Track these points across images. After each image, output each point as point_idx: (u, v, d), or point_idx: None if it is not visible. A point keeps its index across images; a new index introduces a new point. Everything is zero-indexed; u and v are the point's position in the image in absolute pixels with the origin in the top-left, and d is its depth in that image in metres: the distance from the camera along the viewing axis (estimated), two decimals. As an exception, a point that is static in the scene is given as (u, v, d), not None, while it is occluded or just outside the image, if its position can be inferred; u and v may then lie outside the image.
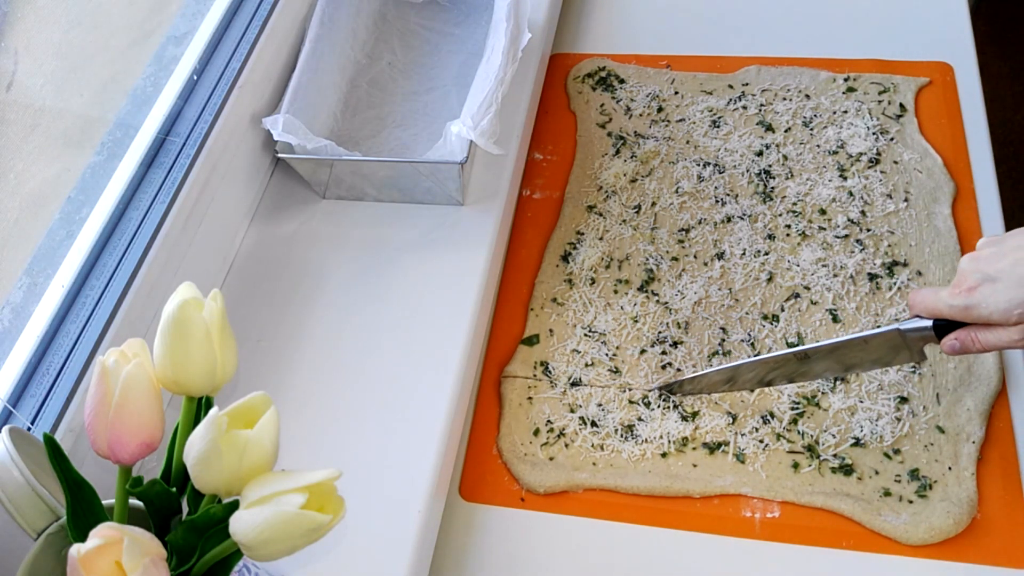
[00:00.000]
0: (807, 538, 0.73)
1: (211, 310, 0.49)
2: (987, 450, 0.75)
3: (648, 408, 0.81)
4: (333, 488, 0.46)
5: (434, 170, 0.84)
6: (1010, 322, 0.61)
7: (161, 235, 0.75)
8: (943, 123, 0.96)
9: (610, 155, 1.00)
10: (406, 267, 0.85)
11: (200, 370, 0.49)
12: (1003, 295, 0.61)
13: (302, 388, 0.78)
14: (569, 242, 0.93)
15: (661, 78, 1.07)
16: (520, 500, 0.78)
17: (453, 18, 1.05)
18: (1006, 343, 0.62)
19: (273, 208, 0.92)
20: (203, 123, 0.82)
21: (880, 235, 0.88)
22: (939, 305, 0.64)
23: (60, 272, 0.72)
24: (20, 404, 0.66)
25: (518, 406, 0.83)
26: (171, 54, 0.86)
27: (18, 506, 0.50)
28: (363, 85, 0.98)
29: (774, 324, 0.84)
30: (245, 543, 0.45)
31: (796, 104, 1.00)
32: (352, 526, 0.65)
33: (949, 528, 0.71)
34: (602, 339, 0.85)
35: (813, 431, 0.78)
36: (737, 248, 0.90)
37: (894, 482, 0.74)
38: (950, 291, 0.63)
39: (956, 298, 0.63)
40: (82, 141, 0.77)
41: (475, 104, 0.82)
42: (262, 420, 0.46)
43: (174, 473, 0.51)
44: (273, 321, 0.83)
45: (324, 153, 0.85)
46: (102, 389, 0.47)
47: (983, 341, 0.63)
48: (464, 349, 0.79)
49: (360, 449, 0.74)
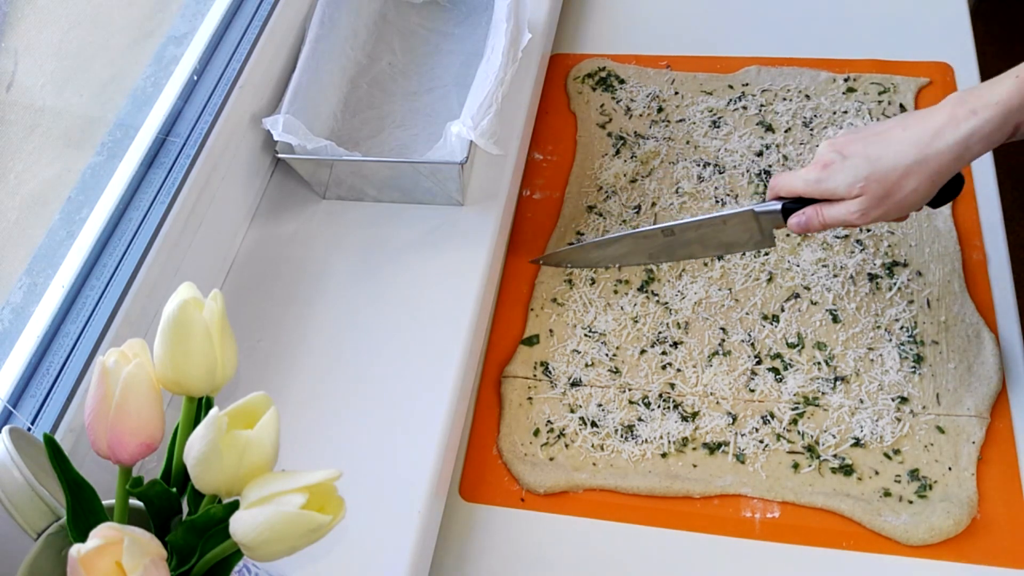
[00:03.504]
0: (807, 538, 0.73)
1: (211, 310, 0.49)
2: (987, 450, 0.75)
3: (648, 408, 0.81)
4: (333, 488, 0.46)
5: (434, 170, 0.84)
6: (851, 195, 0.66)
7: (161, 235, 0.75)
8: (943, 123, 0.96)
9: (610, 155, 1.00)
10: (406, 267, 0.85)
11: (200, 370, 0.49)
12: (852, 170, 0.65)
13: (302, 388, 0.78)
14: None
15: (661, 78, 1.07)
16: (520, 500, 0.78)
17: (453, 18, 1.05)
18: (845, 216, 0.67)
19: (273, 208, 0.92)
20: (203, 123, 0.82)
21: (880, 235, 0.88)
22: (795, 182, 0.69)
23: (60, 272, 0.72)
24: (20, 404, 0.66)
25: (518, 406, 0.83)
26: (171, 54, 0.86)
27: (18, 506, 0.50)
28: (363, 85, 0.98)
29: (774, 324, 0.84)
30: (245, 543, 0.45)
31: (796, 104, 1.00)
32: (352, 526, 0.65)
33: (949, 528, 0.71)
34: (602, 339, 0.85)
35: (813, 431, 0.78)
36: (737, 248, 0.90)
37: (894, 482, 0.74)
38: (806, 169, 0.68)
39: (810, 173, 0.67)
40: (82, 141, 0.77)
41: (475, 104, 0.82)
42: (262, 420, 0.46)
43: (174, 473, 0.51)
44: (273, 321, 0.83)
45: (324, 153, 0.85)
46: (102, 389, 0.47)
47: (826, 215, 0.68)
48: (464, 349, 0.79)
49: (360, 449, 0.74)
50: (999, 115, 0.62)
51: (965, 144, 0.63)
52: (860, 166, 0.65)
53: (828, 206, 0.68)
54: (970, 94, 0.63)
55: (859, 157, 0.65)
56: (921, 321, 0.82)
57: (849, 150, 0.66)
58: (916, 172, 0.64)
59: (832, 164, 0.66)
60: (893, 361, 0.80)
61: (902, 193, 0.65)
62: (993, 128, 0.62)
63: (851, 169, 0.65)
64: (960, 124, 0.62)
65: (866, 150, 0.65)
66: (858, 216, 0.66)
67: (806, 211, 0.69)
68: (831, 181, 0.66)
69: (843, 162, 0.66)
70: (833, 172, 0.66)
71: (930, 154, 0.63)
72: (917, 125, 0.64)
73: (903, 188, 0.64)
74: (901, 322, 0.83)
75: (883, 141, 0.65)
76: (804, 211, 0.69)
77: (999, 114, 0.62)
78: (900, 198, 0.65)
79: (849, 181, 0.65)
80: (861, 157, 0.65)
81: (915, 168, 0.64)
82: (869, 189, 0.65)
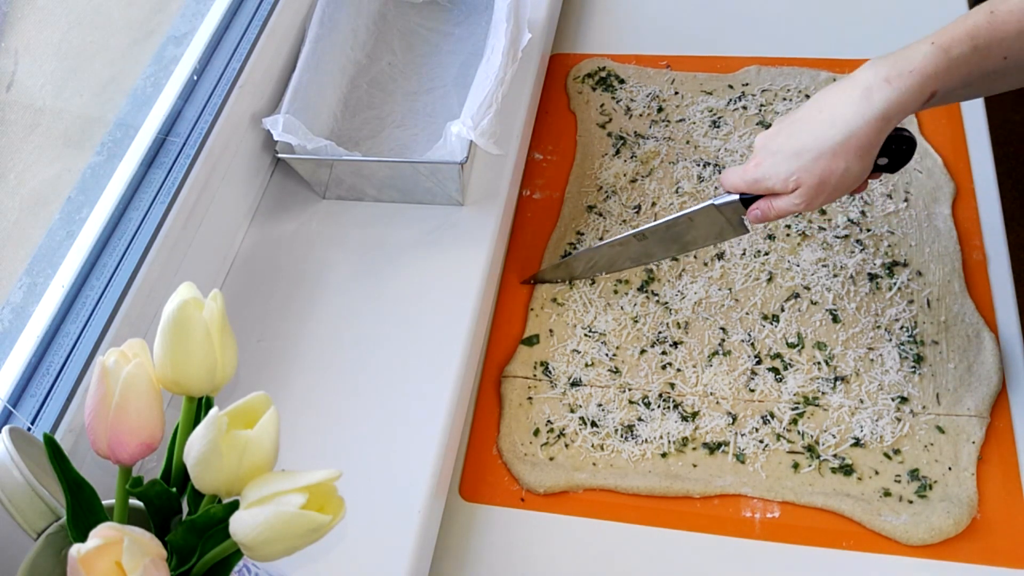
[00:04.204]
0: (807, 538, 0.73)
1: (211, 310, 0.49)
2: (987, 450, 0.75)
3: (648, 408, 0.81)
4: (333, 488, 0.46)
5: (434, 170, 0.84)
6: (788, 190, 0.67)
7: (161, 235, 0.75)
8: (943, 123, 0.96)
9: (610, 155, 1.00)
10: (406, 267, 0.85)
11: (200, 370, 0.49)
12: (783, 167, 0.66)
13: (302, 388, 0.78)
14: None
15: (661, 78, 1.07)
16: (520, 500, 0.78)
17: (453, 18, 1.05)
18: (792, 208, 0.68)
19: (273, 208, 0.92)
20: (203, 123, 0.82)
21: (880, 235, 0.88)
22: (736, 180, 0.70)
23: (60, 272, 0.72)
24: (20, 404, 0.66)
25: (518, 406, 0.83)
26: (171, 54, 0.86)
27: (18, 506, 0.50)
28: (363, 85, 0.98)
29: (774, 324, 0.84)
30: (245, 543, 0.45)
31: (796, 104, 1.00)
32: (352, 526, 0.65)
33: (949, 528, 0.71)
34: (602, 339, 0.85)
35: (813, 431, 0.78)
36: (737, 248, 0.90)
37: (894, 482, 0.74)
38: (744, 167, 0.69)
39: (747, 172, 0.69)
40: (82, 141, 0.77)
41: (475, 104, 0.82)
42: (262, 420, 0.46)
43: (174, 473, 0.51)
44: (273, 321, 0.83)
45: (324, 153, 0.85)
46: (102, 389, 0.47)
47: (776, 208, 0.69)
48: (464, 349, 0.79)
49: (360, 449, 0.74)
50: (915, 84, 0.61)
51: (883, 117, 0.62)
52: (790, 161, 0.66)
53: (775, 198, 0.69)
54: (884, 61, 0.63)
55: (785, 152, 0.66)
56: (921, 321, 0.82)
57: (775, 144, 0.67)
58: (841, 153, 0.64)
59: (762, 163, 0.68)
60: (893, 361, 0.80)
61: (836, 176, 0.65)
62: (909, 98, 0.62)
63: (781, 164, 0.66)
64: (874, 97, 0.62)
65: (790, 142, 0.66)
66: (803, 206, 0.67)
67: (759, 205, 0.70)
68: (767, 180, 0.68)
69: (772, 158, 0.67)
70: (765, 171, 0.67)
71: (850, 133, 0.63)
72: (831, 105, 0.64)
73: (835, 172, 0.64)
74: (901, 322, 0.83)
75: (804, 130, 0.65)
76: (758, 206, 0.70)
77: (915, 83, 0.61)
78: (836, 181, 0.65)
79: (783, 177, 0.66)
80: (787, 151, 0.66)
81: (839, 150, 0.63)
82: (803, 181, 0.66)
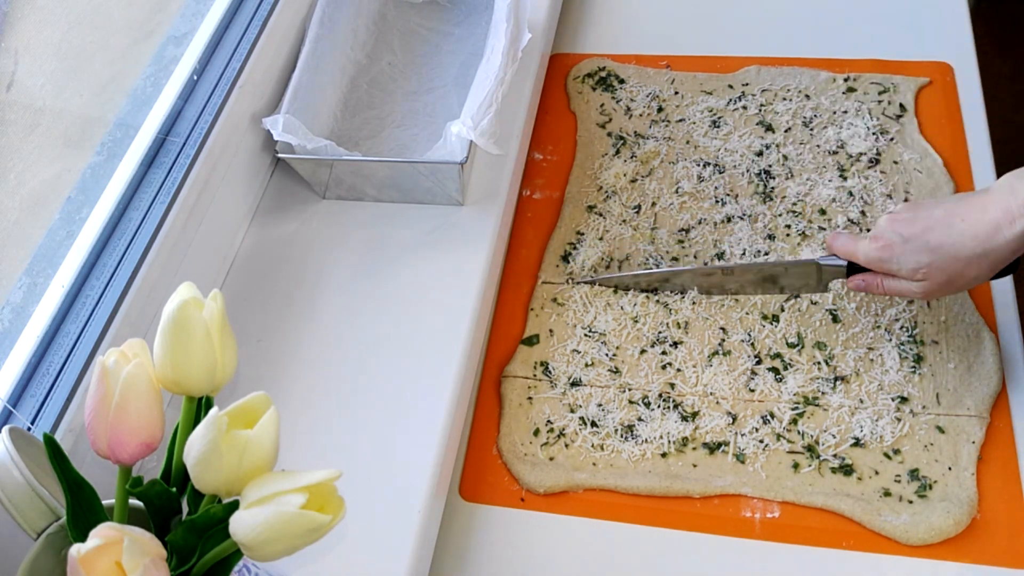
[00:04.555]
0: (807, 538, 0.73)
1: (211, 310, 0.49)
2: (987, 450, 0.75)
3: (648, 408, 0.81)
4: (333, 488, 0.46)
5: (434, 170, 0.84)
6: (915, 278, 0.71)
7: (161, 235, 0.75)
8: (943, 123, 0.96)
9: (610, 155, 1.00)
10: (406, 267, 0.85)
11: (200, 370, 0.49)
12: (913, 256, 0.70)
13: (302, 388, 0.78)
14: (569, 242, 0.93)
15: (661, 78, 1.07)
16: (520, 500, 0.78)
17: (453, 18, 1.05)
18: (905, 292, 0.73)
19: (273, 208, 0.92)
20: (203, 123, 0.82)
21: (880, 235, 0.88)
22: (858, 253, 0.74)
23: (60, 272, 0.72)
24: (20, 404, 0.66)
25: (518, 406, 0.83)
26: (171, 54, 0.86)
27: (18, 506, 0.50)
28: (363, 85, 0.98)
29: (774, 324, 0.84)
30: (245, 543, 0.45)
31: (796, 104, 1.00)
32: (352, 526, 0.65)
33: (949, 528, 0.71)
34: (602, 339, 0.85)
35: (813, 431, 0.78)
36: (737, 248, 0.90)
37: (894, 482, 0.74)
38: (869, 243, 0.73)
39: (874, 251, 0.72)
40: (82, 141, 0.77)
41: (475, 104, 0.82)
42: (262, 420, 0.46)
43: (174, 473, 0.51)
44: (273, 321, 0.83)
45: (324, 153, 0.85)
46: (102, 389, 0.47)
47: (886, 287, 0.73)
48: (464, 349, 0.79)
49: (360, 449, 0.74)
50: None
51: (1022, 239, 0.66)
52: (922, 254, 0.69)
53: (889, 279, 0.73)
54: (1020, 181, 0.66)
55: (920, 243, 0.69)
56: (921, 321, 0.82)
57: (910, 233, 0.70)
58: (976, 263, 0.68)
59: (894, 246, 0.71)
60: (893, 361, 0.80)
61: (963, 280, 0.69)
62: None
63: (913, 255, 0.70)
64: (1016, 222, 0.66)
65: (926, 236, 0.69)
66: (920, 296, 0.72)
67: (866, 278, 0.74)
68: (894, 263, 0.71)
69: (904, 245, 0.70)
70: (896, 255, 0.71)
71: (990, 248, 0.67)
72: (974, 217, 0.67)
73: (964, 276, 0.69)
74: (901, 322, 0.83)
75: (943, 230, 0.68)
76: (864, 278, 0.75)
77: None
78: (961, 284, 0.70)
79: (912, 266, 0.70)
80: (922, 243, 0.69)
81: (975, 260, 0.68)
82: (931, 275, 0.70)
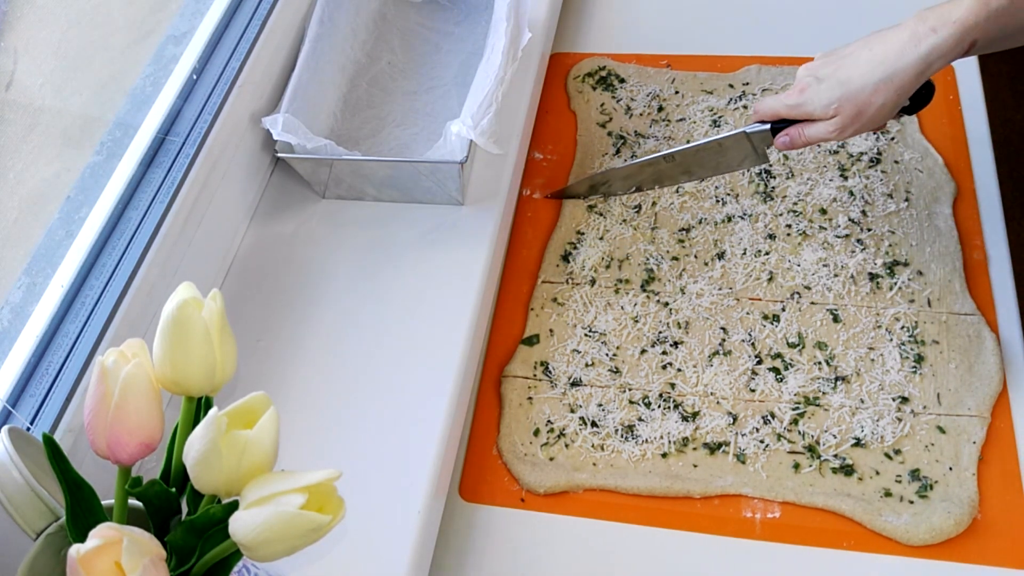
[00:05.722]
0: (808, 538, 0.73)
1: (211, 310, 0.49)
2: (988, 450, 0.75)
3: (648, 408, 0.80)
4: (333, 488, 0.46)
5: (434, 170, 0.84)
6: (828, 116, 0.73)
7: (160, 235, 0.75)
8: (944, 123, 0.96)
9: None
10: (406, 267, 0.85)
11: (200, 370, 0.49)
12: (826, 93, 0.72)
13: (302, 388, 0.78)
14: (569, 242, 0.93)
15: (661, 77, 1.06)
16: (520, 500, 0.78)
17: (453, 17, 1.05)
18: (824, 135, 0.74)
19: (273, 208, 0.92)
20: (202, 123, 0.82)
21: (881, 235, 0.88)
22: (776, 106, 0.76)
23: (59, 272, 0.72)
24: (19, 404, 0.66)
25: (518, 406, 0.82)
26: (171, 53, 0.86)
27: (18, 506, 0.50)
28: (363, 85, 0.98)
29: (775, 324, 0.84)
30: (245, 543, 0.44)
31: (796, 104, 1.00)
32: (352, 526, 0.65)
33: (950, 528, 0.71)
34: (602, 339, 0.85)
35: (814, 431, 0.77)
36: (738, 248, 0.90)
37: (895, 482, 0.74)
38: (786, 93, 0.76)
39: (790, 97, 0.75)
40: (81, 141, 0.77)
41: (475, 104, 0.81)
42: (262, 420, 0.46)
43: (173, 473, 0.51)
44: (273, 321, 0.83)
45: (324, 153, 0.84)
46: (101, 389, 0.47)
47: (807, 134, 0.75)
48: (464, 349, 0.79)
49: (360, 449, 0.74)
50: (957, 32, 0.67)
51: (926, 61, 0.68)
52: (833, 88, 0.71)
53: (808, 126, 0.75)
54: (931, 12, 0.68)
55: (831, 80, 0.72)
56: (922, 321, 0.82)
57: (822, 73, 0.73)
58: (883, 89, 0.70)
59: (808, 88, 0.73)
60: (894, 361, 0.80)
61: (872, 109, 0.71)
62: (951, 45, 0.68)
63: (825, 92, 0.72)
64: (921, 42, 0.68)
65: (836, 73, 0.71)
66: (836, 134, 0.73)
67: (789, 131, 0.76)
68: (808, 104, 0.73)
69: (818, 85, 0.72)
70: (809, 96, 0.73)
71: (894, 71, 0.69)
72: (880, 45, 0.70)
73: (873, 104, 0.70)
74: (902, 322, 0.82)
75: (852, 63, 0.71)
76: (787, 131, 0.76)
77: (957, 32, 0.67)
78: (871, 114, 0.71)
79: (824, 103, 0.72)
80: (833, 80, 0.72)
81: (881, 86, 0.70)
82: (843, 109, 0.71)
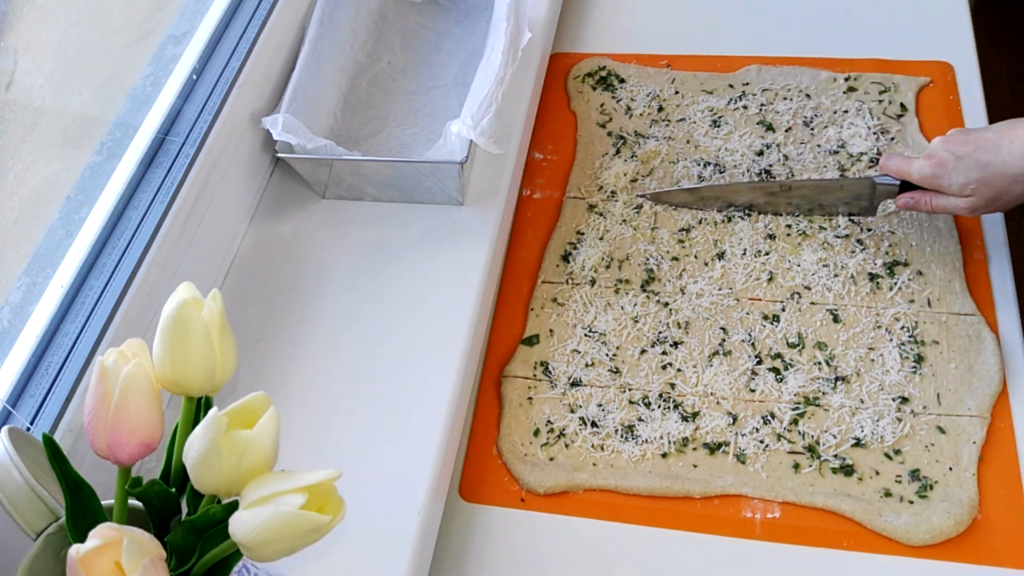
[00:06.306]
0: (808, 539, 0.73)
1: (211, 310, 0.49)
2: (988, 450, 0.75)
3: (648, 408, 0.80)
4: (333, 488, 0.46)
5: (434, 170, 0.84)
6: (963, 194, 0.75)
7: (160, 235, 0.75)
8: (944, 123, 0.96)
9: (610, 155, 1.00)
10: (406, 267, 0.85)
11: (200, 370, 0.49)
12: (964, 173, 0.74)
13: (302, 388, 0.78)
14: (569, 242, 0.93)
15: (661, 78, 1.06)
16: (520, 500, 0.78)
17: (453, 17, 1.05)
18: (954, 210, 0.77)
19: (273, 208, 0.92)
20: (203, 123, 0.82)
21: (881, 235, 0.88)
22: (908, 169, 0.78)
23: (59, 272, 0.72)
24: (19, 404, 0.66)
25: (518, 406, 0.82)
26: (171, 53, 0.86)
27: (18, 506, 0.50)
28: (363, 85, 0.98)
29: (775, 324, 0.84)
30: (245, 544, 0.44)
31: (797, 104, 1.00)
32: (352, 526, 0.65)
33: (950, 529, 0.71)
34: (602, 339, 0.85)
35: (814, 431, 0.77)
36: (738, 248, 0.89)
37: (895, 482, 0.74)
38: (921, 161, 0.77)
39: (927, 167, 0.76)
40: (81, 141, 0.77)
41: (475, 104, 0.81)
42: (262, 420, 0.46)
43: (173, 473, 0.51)
44: (273, 321, 0.83)
45: (324, 153, 0.84)
46: (101, 389, 0.47)
47: (934, 204, 0.78)
48: (464, 349, 0.79)
49: (360, 449, 0.74)
50: None
51: None
52: (971, 170, 0.74)
53: (938, 196, 0.77)
54: None
55: (970, 160, 0.74)
56: (922, 321, 0.82)
57: (962, 151, 0.74)
58: (1022, 181, 0.72)
59: (946, 163, 0.75)
60: (894, 361, 0.80)
61: (1009, 196, 0.74)
62: None
63: (963, 171, 0.74)
64: None
65: (976, 155, 0.73)
66: (967, 212, 0.76)
67: (915, 195, 0.79)
68: (945, 179, 0.75)
69: (956, 163, 0.74)
70: (947, 171, 0.75)
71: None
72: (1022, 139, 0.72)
73: (1010, 193, 0.73)
74: (902, 322, 0.82)
75: (993, 149, 0.73)
76: (913, 195, 0.79)
77: None
78: (1006, 200, 0.74)
79: (961, 182, 0.74)
80: (971, 160, 0.73)
81: (1021, 178, 0.72)
82: (979, 191, 0.74)
